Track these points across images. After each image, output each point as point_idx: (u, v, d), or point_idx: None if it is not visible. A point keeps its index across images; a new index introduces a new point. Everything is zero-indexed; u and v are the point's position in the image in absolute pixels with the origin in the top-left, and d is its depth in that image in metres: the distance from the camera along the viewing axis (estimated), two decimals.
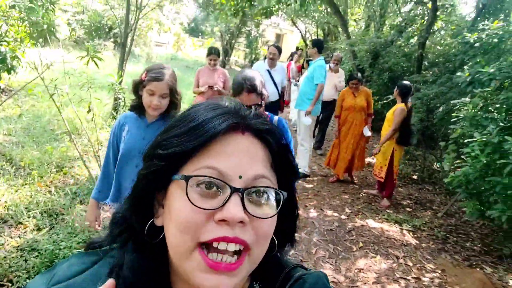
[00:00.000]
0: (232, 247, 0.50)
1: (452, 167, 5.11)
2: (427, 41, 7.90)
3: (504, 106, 4.13)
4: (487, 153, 3.85)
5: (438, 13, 7.94)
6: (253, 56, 23.51)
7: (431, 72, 7.67)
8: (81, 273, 0.58)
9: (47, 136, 5.33)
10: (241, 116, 0.56)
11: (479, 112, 4.40)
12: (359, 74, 5.98)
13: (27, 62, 3.61)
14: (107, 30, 16.70)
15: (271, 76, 5.57)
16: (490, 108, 4.33)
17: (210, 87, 4.87)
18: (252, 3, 8.60)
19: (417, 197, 5.75)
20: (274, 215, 0.54)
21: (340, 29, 14.20)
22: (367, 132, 5.81)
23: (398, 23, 9.99)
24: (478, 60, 5.05)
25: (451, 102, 5.08)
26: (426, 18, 8.09)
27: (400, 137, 5.00)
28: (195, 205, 0.49)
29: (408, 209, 5.22)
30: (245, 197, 0.51)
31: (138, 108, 2.12)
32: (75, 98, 3.76)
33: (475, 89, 4.45)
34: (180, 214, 0.51)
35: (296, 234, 0.67)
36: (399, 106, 5.03)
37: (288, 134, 2.16)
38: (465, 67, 5.21)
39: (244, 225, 0.50)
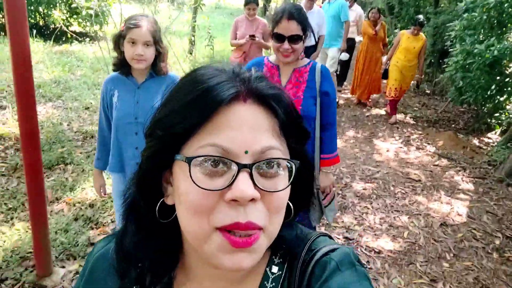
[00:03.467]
0: (245, 233, 0.47)
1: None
2: None
3: (478, 26, 5.86)
4: (463, 57, 5.67)
5: None
6: (292, 1, 24.62)
7: (443, 4, 9.16)
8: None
9: None
10: (241, 80, 0.51)
11: (464, 31, 6.12)
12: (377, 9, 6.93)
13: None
14: None
15: None
16: (470, 27, 6.05)
17: (252, 36, 4.46)
18: None
19: (425, 103, 7.60)
20: (286, 187, 0.51)
21: None
22: (384, 60, 6.57)
23: None
24: None
25: (448, 25, 6.77)
26: None
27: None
28: (201, 188, 0.46)
29: (415, 109, 7.13)
30: (254, 172, 0.48)
31: (121, 65, 1.97)
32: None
33: (468, 14, 6.13)
34: (188, 197, 0.48)
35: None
36: (424, 38, 6.06)
37: (331, 83, 2.07)
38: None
39: (256, 202, 0.48)
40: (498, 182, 4.23)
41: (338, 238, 3.05)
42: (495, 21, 5.76)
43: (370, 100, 7.06)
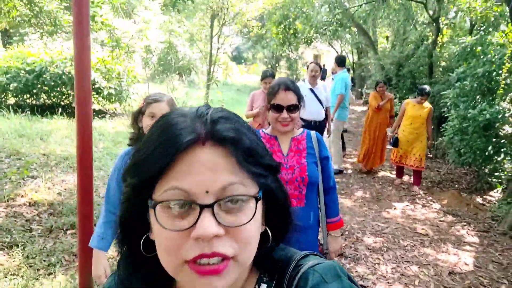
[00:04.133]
0: (214, 259, 0.50)
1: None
2: (437, 51, 10.19)
3: (470, 93, 6.43)
4: (459, 121, 6.15)
5: (444, 28, 10.25)
6: (295, 77, 26.20)
7: (437, 76, 9.92)
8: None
9: None
10: (201, 123, 0.54)
11: (458, 98, 6.68)
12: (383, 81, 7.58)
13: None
14: (173, 64, 20.07)
15: (315, 95, 5.31)
16: (462, 95, 6.61)
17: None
18: (296, 35, 11.28)
19: (428, 165, 7.97)
20: (249, 221, 0.53)
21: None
22: (389, 132, 6.84)
23: (416, 38, 12.30)
24: (462, 63, 7.34)
25: (442, 93, 7.37)
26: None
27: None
28: (168, 229, 0.50)
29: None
30: (217, 210, 0.51)
31: (138, 140, 2.04)
32: None
33: (460, 83, 6.72)
34: (159, 238, 0.53)
35: None
36: (429, 106, 6.23)
37: (326, 148, 2.16)
38: (455, 69, 7.50)
39: (221, 237, 0.50)
40: (502, 235, 4.46)
41: None
42: (485, 88, 6.33)
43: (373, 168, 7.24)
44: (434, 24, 9.86)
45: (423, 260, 3.79)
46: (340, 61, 7.05)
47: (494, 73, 6.19)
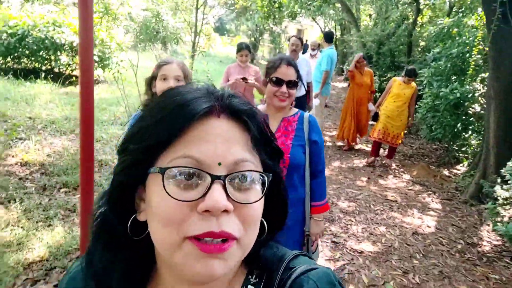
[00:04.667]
0: (218, 239, 0.48)
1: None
2: (417, 31, 10.50)
3: (444, 73, 6.78)
4: (432, 99, 6.52)
5: (424, 8, 10.54)
6: (277, 50, 26.17)
7: (415, 55, 10.27)
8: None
9: None
10: (215, 97, 0.53)
11: (432, 77, 7.03)
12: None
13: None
14: (155, 33, 19.80)
15: None
16: (437, 74, 6.97)
17: (244, 79, 4.37)
18: (281, 9, 11.38)
19: (402, 141, 8.39)
20: (259, 200, 0.52)
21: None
22: (371, 107, 6.85)
23: (397, 18, 12.56)
24: (438, 44, 7.68)
25: (418, 72, 7.71)
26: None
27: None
28: (174, 198, 0.47)
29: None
30: (227, 184, 0.49)
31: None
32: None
33: (435, 63, 7.06)
34: (161, 208, 0.49)
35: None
36: (415, 86, 6.18)
37: (319, 132, 2.11)
38: (432, 49, 7.83)
39: (229, 213, 0.48)
40: (463, 203, 4.90)
41: (327, 243, 3.62)
42: (459, 68, 6.70)
43: (356, 142, 7.46)
44: (415, 4, 10.13)
45: (390, 222, 4.18)
46: (328, 37, 7.10)
47: (468, 55, 6.55)
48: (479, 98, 6.33)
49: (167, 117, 0.50)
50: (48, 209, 3.62)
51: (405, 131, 6.65)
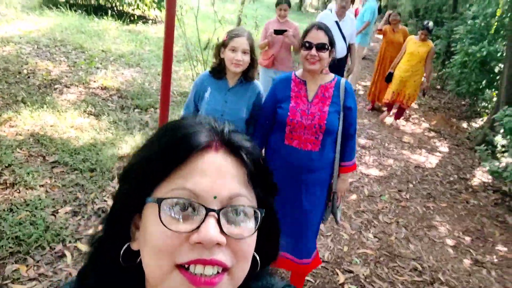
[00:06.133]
0: (209, 270, 0.48)
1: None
2: None
3: (478, 31, 7.16)
4: (461, 55, 6.99)
5: None
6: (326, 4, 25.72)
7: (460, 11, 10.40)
8: None
9: None
10: (215, 132, 0.54)
11: (467, 34, 7.41)
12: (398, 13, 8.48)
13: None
14: None
15: (339, 29, 4.61)
16: (472, 32, 7.34)
17: (279, 32, 4.04)
18: None
19: (432, 95, 8.91)
20: (252, 234, 0.52)
21: None
22: None
23: None
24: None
25: (455, 28, 8.06)
26: None
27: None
28: (169, 229, 0.48)
29: (422, 99, 8.48)
30: (222, 217, 0.49)
31: (218, 71, 2.24)
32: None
33: (473, 21, 7.39)
34: (154, 237, 0.49)
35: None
36: (431, 44, 5.82)
37: (353, 98, 2.17)
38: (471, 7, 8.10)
39: (221, 247, 0.49)
40: (469, 149, 5.62)
41: None
42: (492, 28, 7.06)
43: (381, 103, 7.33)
44: None
45: (399, 157, 5.02)
46: None
47: (504, 15, 6.86)
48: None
49: (167, 150, 0.52)
50: (129, 123, 4.71)
51: (419, 94, 6.28)
